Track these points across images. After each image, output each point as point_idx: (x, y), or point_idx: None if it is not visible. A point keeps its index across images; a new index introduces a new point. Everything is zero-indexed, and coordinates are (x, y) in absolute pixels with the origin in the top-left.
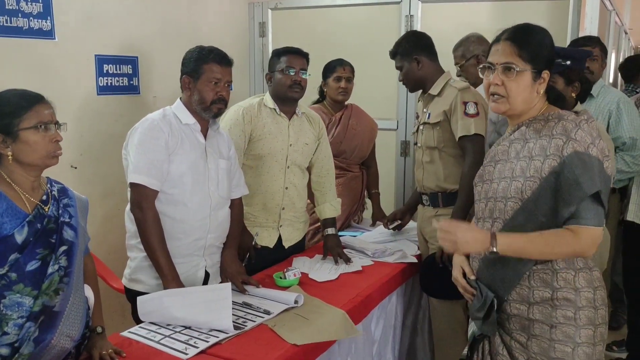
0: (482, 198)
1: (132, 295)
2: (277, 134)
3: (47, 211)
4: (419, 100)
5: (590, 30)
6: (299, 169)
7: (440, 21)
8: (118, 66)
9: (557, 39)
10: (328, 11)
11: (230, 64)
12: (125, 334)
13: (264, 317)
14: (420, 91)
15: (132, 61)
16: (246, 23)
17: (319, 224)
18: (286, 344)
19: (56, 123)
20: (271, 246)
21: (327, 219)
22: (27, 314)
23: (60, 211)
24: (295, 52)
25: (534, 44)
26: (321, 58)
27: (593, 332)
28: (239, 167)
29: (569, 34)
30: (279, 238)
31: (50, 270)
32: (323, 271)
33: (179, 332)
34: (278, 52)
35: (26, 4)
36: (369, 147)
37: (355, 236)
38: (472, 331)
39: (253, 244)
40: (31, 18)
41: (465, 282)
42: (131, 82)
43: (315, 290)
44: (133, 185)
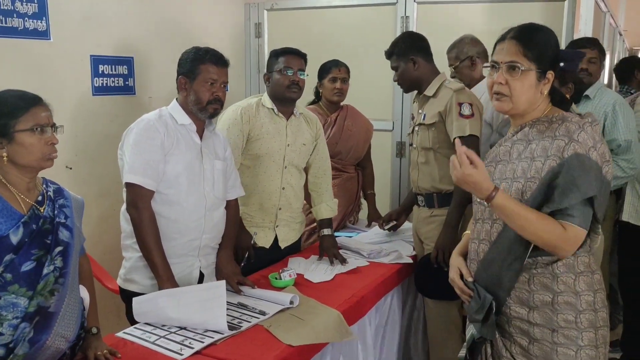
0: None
1: (126, 295)
2: (274, 134)
3: (43, 212)
4: (414, 102)
5: (585, 32)
6: (296, 170)
7: (436, 22)
8: (113, 67)
9: None
10: (324, 12)
11: (227, 64)
12: (120, 334)
13: (259, 318)
14: (416, 92)
15: (128, 62)
16: (242, 24)
17: (315, 224)
18: (281, 344)
19: (53, 125)
20: (267, 246)
21: (323, 220)
22: (22, 314)
23: (56, 212)
24: (293, 52)
25: (539, 43)
26: (317, 59)
27: (595, 335)
28: (235, 168)
29: (563, 35)
30: (275, 238)
31: (45, 271)
32: (318, 272)
33: (174, 332)
34: (276, 53)
35: (21, 4)
36: (364, 148)
37: (350, 237)
38: (471, 333)
39: (252, 243)
40: (26, 18)
41: (462, 284)
42: (127, 82)
43: (311, 291)
44: (129, 185)
